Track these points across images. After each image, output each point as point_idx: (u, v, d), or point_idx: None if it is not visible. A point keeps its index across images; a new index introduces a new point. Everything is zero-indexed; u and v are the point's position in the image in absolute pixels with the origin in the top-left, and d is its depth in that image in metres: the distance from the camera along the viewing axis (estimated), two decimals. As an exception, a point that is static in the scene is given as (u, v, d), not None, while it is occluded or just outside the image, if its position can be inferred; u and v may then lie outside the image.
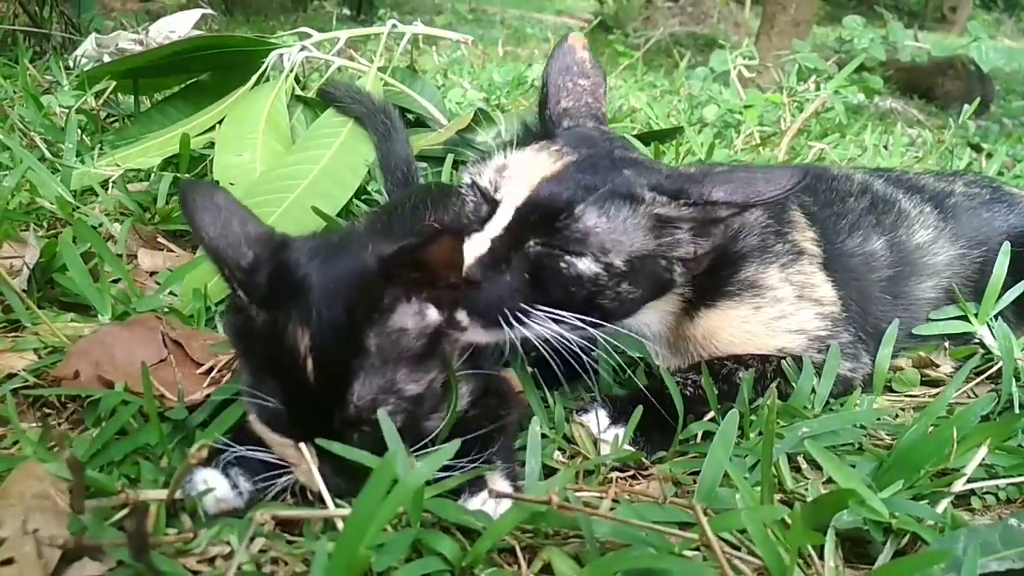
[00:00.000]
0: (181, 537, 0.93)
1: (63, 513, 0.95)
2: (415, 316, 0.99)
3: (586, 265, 1.17)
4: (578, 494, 1.09)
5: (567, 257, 1.17)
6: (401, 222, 1.54)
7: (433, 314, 1.01)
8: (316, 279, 0.98)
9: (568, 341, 1.19)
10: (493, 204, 1.21)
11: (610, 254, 1.17)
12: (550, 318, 1.17)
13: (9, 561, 0.88)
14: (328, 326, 0.94)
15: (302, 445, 0.96)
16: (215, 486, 1.00)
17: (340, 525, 0.92)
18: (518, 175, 1.21)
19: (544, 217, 1.17)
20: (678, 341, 1.40)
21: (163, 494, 0.96)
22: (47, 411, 1.30)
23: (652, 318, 1.37)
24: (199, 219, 1.01)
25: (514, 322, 1.16)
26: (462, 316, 1.06)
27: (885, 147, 3.48)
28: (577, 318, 1.18)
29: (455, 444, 0.93)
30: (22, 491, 0.96)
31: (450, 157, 2.40)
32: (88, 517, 0.95)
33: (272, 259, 1.01)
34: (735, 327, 1.37)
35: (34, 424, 1.26)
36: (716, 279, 1.35)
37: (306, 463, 0.95)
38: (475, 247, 1.16)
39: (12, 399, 1.27)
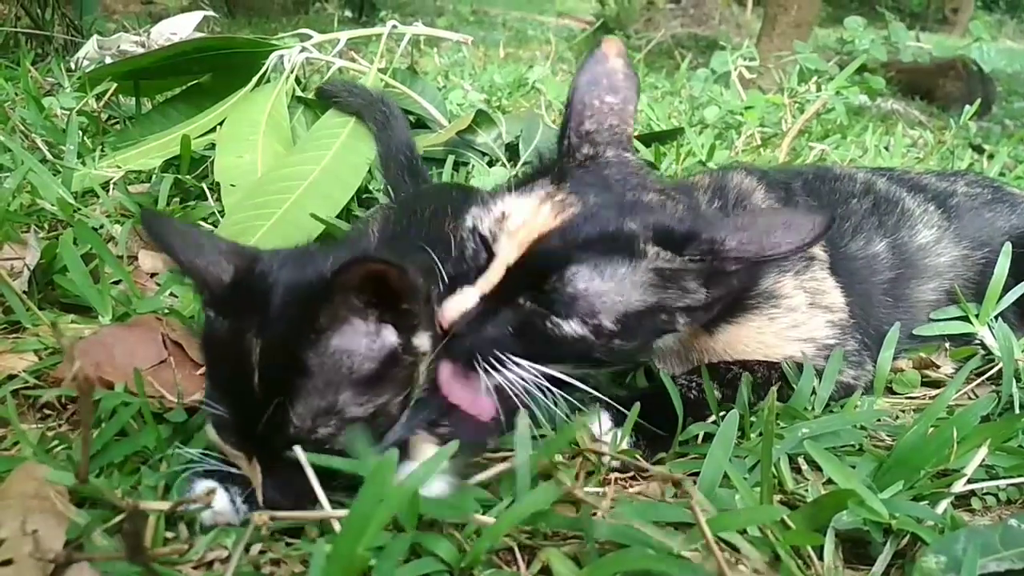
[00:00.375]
0: (177, 549, 0.93)
1: (62, 515, 0.95)
2: (367, 337, 0.97)
3: (571, 328, 1.13)
4: (576, 492, 1.09)
5: (552, 318, 1.13)
6: (419, 227, 1.48)
7: (390, 336, 0.99)
8: (275, 292, 0.97)
9: (548, 389, 1.15)
10: (490, 256, 1.17)
11: (599, 315, 1.13)
12: (534, 369, 1.14)
13: (8, 562, 0.88)
14: (275, 341, 0.93)
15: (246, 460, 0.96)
16: (217, 501, 0.99)
17: (337, 527, 0.92)
18: (516, 229, 1.15)
19: (534, 278, 1.13)
20: (690, 353, 1.39)
21: (163, 505, 0.96)
22: (47, 412, 1.31)
23: (665, 343, 1.31)
24: (173, 243, 1.01)
25: (489, 369, 1.13)
26: (421, 341, 1.03)
27: (886, 148, 3.48)
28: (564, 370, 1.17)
29: (453, 446, 0.94)
30: (22, 492, 0.96)
31: (451, 158, 2.40)
32: (85, 520, 0.95)
33: (246, 270, 1.01)
34: (752, 337, 1.35)
35: (34, 425, 1.26)
36: (737, 297, 1.31)
37: (255, 475, 0.95)
38: (464, 301, 1.13)
39: (12, 400, 1.27)
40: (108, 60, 3.38)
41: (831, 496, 1.01)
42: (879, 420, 1.33)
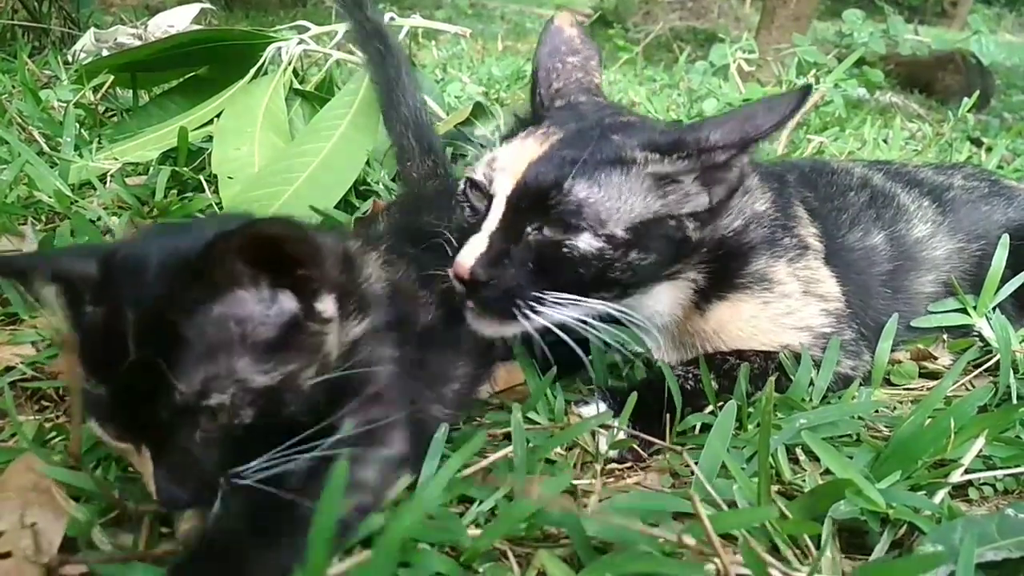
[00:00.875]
0: (172, 551, 0.93)
1: (61, 508, 0.95)
2: (261, 303, 0.91)
3: (586, 243, 1.15)
4: (576, 481, 1.10)
5: (568, 241, 1.15)
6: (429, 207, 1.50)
7: (288, 302, 0.93)
8: (148, 263, 0.90)
9: (585, 325, 1.19)
10: (489, 198, 1.20)
11: (608, 224, 1.15)
12: (565, 303, 1.17)
13: (7, 555, 0.88)
14: (150, 311, 0.86)
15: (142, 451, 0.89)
16: None
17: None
18: (507, 165, 1.19)
19: (535, 200, 1.16)
20: (683, 336, 1.40)
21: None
22: (44, 404, 1.31)
23: (663, 307, 1.35)
24: (23, 265, 0.98)
25: (529, 313, 1.16)
26: (325, 306, 0.97)
27: (885, 141, 3.48)
28: (590, 300, 1.19)
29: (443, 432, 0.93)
30: (21, 484, 0.97)
31: (448, 151, 2.40)
32: (85, 516, 0.95)
33: (111, 256, 0.94)
34: (744, 321, 1.35)
35: (32, 417, 1.26)
36: (728, 271, 1.34)
37: (146, 468, 0.88)
38: (475, 246, 1.15)
39: (10, 391, 1.27)
40: (105, 53, 3.37)
41: (829, 486, 1.01)
42: (877, 411, 1.33)
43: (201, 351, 0.86)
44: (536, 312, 1.16)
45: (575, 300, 1.18)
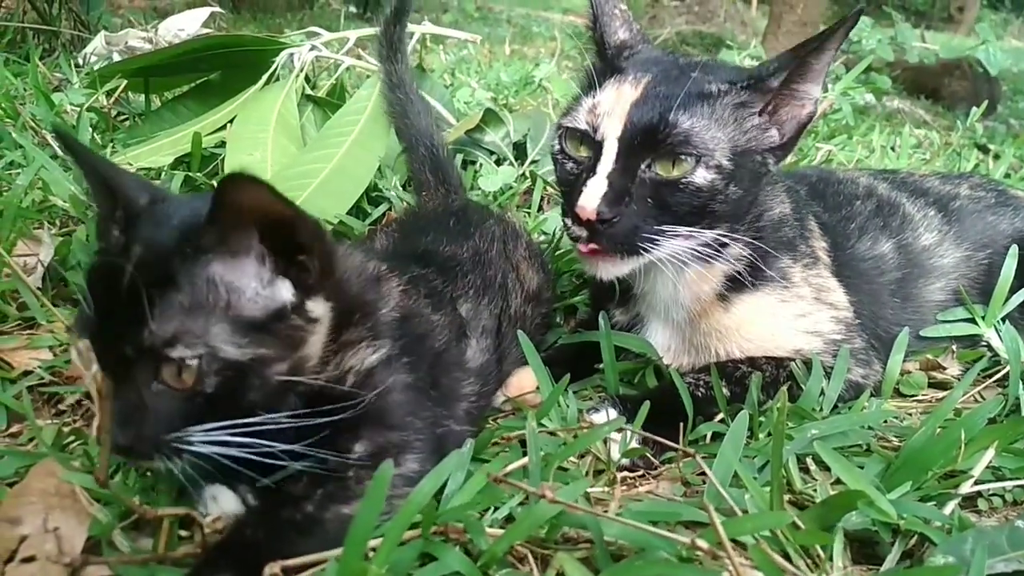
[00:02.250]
0: (192, 553, 0.95)
1: (84, 512, 0.96)
2: (258, 280, 0.93)
3: (701, 176, 1.24)
4: (589, 489, 1.11)
5: (684, 178, 1.23)
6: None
7: (283, 291, 0.95)
8: (181, 206, 0.96)
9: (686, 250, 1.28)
10: (597, 144, 1.26)
11: (715, 154, 1.24)
12: (682, 234, 1.26)
13: (31, 559, 0.90)
14: (153, 247, 0.90)
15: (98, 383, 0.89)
16: (224, 503, 1.00)
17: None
18: (611, 109, 1.26)
19: (645, 137, 1.24)
20: (696, 336, 1.42)
21: (178, 510, 0.97)
22: (61, 408, 1.32)
23: (687, 296, 1.39)
24: (92, 155, 1.01)
25: (650, 246, 1.25)
26: (316, 306, 0.98)
27: (892, 149, 3.48)
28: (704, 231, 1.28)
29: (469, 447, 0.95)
30: (43, 488, 0.97)
31: (459, 157, 2.42)
32: (107, 518, 0.97)
33: (159, 198, 1.00)
34: (765, 318, 1.39)
35: (49, 421, 1.27)
36: (758, 263, 1.37)
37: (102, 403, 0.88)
38: (595, 187, 1.22)
39: (28, 396, 1.29)
40: (116, 56, 3.39)
41: (840, 496, 1.02)
42: (887, 421, 1.34)
43: (184, 300, 0.88)
44: (656, 245, 1.25)
45: (689, 231, 1.26)
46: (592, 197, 1.22)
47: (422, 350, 1.17)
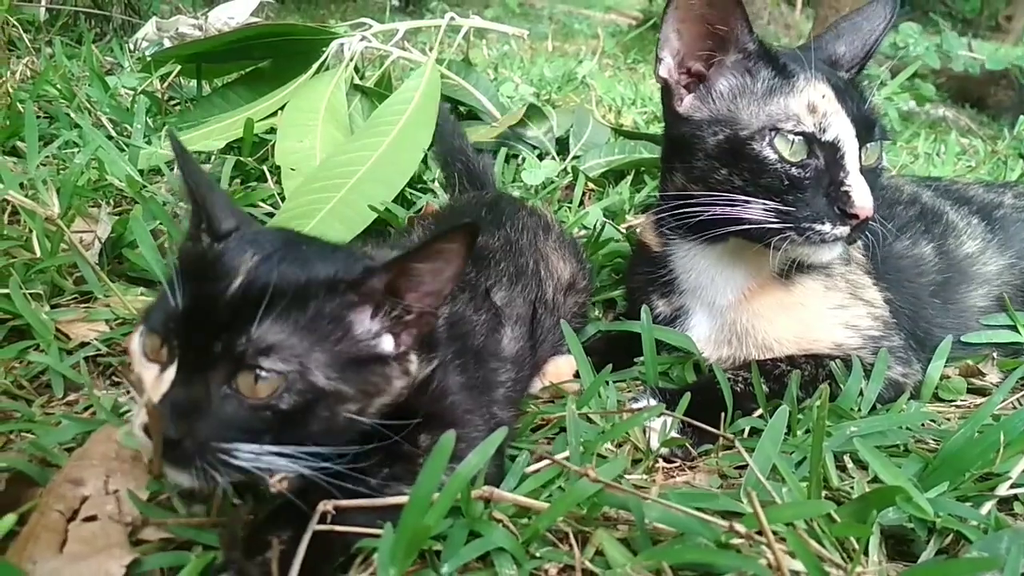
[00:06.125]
0: (244, 518, 0.97)
1: (142, 476, 1.00)
2: (368, 330, 0.97)
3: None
4: (628, 476, 1.13)
5: (881, 165, 1.38)
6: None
7: (387, 345, 0.99)
8: (302, 243, 1.02)
9: None
10: (831, 146, 1.30)
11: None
12: None
13: (93, 518, 0.94)
14: (288, 269, 0.93)
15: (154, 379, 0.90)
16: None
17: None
18: (833, 110, 1.31)
19: (870, 129, 1.34)
20: (741, 319, 1.44)
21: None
22: (116, 379, 1.36)
23: (740, 279, 1.44)
24: (192, 165, 1.04)
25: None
26: (413, 361, 1.02)
27: (938, 155, 3.46)
28: None
29: (501, 433, 0.98)
30: (103, 452, 1.02)
31: (503, 151, 2.44)
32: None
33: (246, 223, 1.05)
34: (814, 301, 1.43)
35: (105, 391, 1.32)
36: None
37: (151, 392, 0.88)
38: (861, 186, 1.28)
39: (85, 366, 1.34)
40: (166, 42, 3.46)
41: (878, 492, 1.03)
42: (924, 424, 1.35)
43: (300, 320, 0.91)
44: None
45: None
46: (869, 196, 1.27)
47: (468, 350, 1.20)
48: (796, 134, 1.29)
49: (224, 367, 0.88)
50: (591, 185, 2.41)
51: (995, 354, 1.58)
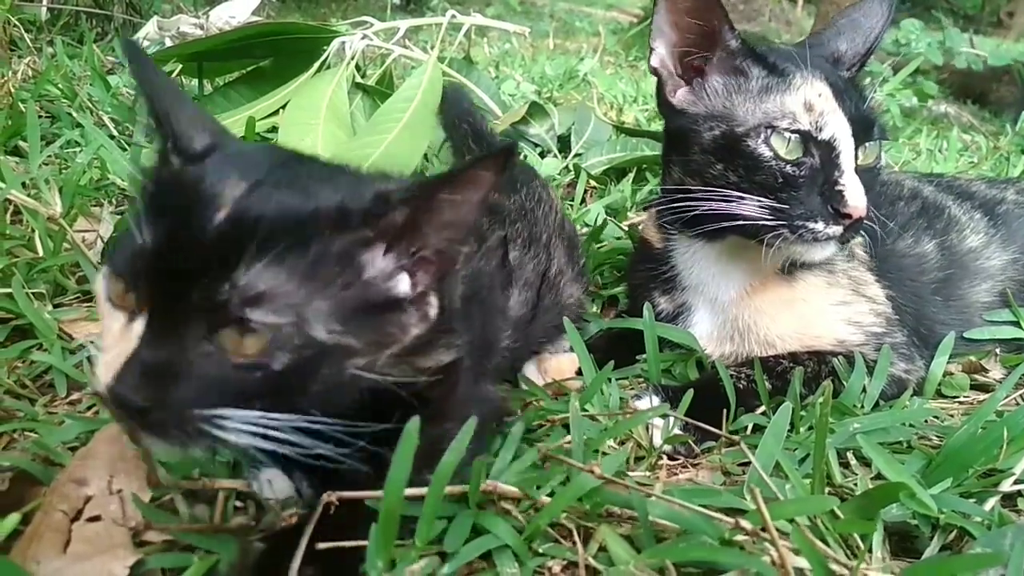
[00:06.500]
0: (246, 524, 0.98)
1: (145, 477, 1.00)
2: (381, 270, 0.82)
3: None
4: (631, 473, 1.13)
5: (878, 164, 1.37)
6: None
7: (403, 286, 0.84)
8: (298, 164, 0.87)
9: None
10: (826, 145, 1.30)
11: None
12: None
13: (97, 518, 0.94)
14: (274, 203, 0.78)
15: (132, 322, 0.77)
16: (279, 489, 1.01)
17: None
18: (830, 109, 1.30)
19: (868, 128, 1.34)
20: (743, 315, 1.44)
21: (235, 483, 1.02)
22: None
23: (740, 276, 1.43)
24: (160, 78, 0.89)
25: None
26: (432, 304, 0.88)
27: (939, 151, 3.46)
28: None
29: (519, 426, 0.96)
30: (108, 452, 1.01)
31: (505, 147, 2.43)
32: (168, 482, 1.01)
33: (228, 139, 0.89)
34: (817, 297, 1.43)
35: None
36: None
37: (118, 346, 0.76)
38: (855, 185, 1.27)
39: (88, 365, 1.33)
40: (168, 41, 3.46)
41: (881, 489, 1.03)
42: (928, 420, 1.34)
43: (295, 262, 0.77)
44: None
45: None
46: (861, 196, 1.27)
47: (478, 318, 1.10)
48: (792, 132, 1.29)
49: (203, 320, 0.75)
50: (593, 182, 2.41)
51: (998, 350, 1.58)
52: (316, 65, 2.42)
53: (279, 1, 7.69)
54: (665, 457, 1.23)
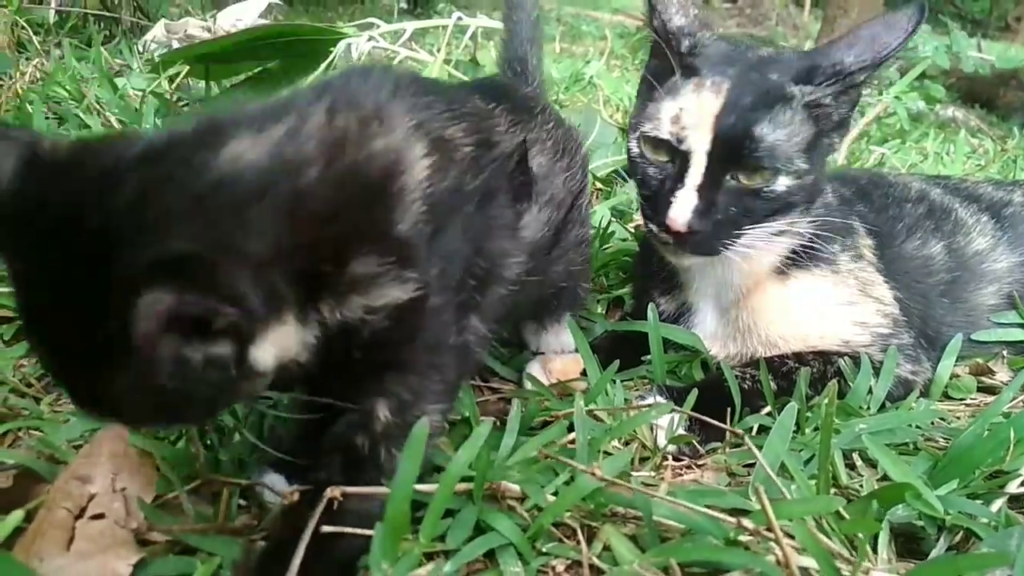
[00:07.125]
0: (249, 524, 0.99)
1: (151, 475, 1.00)
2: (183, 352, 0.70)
3: (783, 183, 1.28)
4: (635, 474, 1.13)
5: (767, 186, 1.27)
6: None
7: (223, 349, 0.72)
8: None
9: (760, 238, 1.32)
10: (683, 155, 1.28)
11: (793, 159, 1.27)
12: (760, 231, 1.31)
13: (100, 516, 0.94)
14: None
15: None
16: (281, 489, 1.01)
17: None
18: (696, 121, 1.27)
19: (731, 151, 1.26)
20: (744, 315, 1.43)
21: (239, 481, 1.02)
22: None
23: (740, 275, 1.42)
24: None
25: (732, 245, 1.30)
26: (259, 356, 0.76)
27: (947, 154, 3.45)
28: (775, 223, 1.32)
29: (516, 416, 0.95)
30: (112, 451, 1.01)
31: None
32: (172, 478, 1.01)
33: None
34: (817, 297, 1.42)
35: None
36: (814, 246, 1.40)
37: None
38: (685, 201, 1.26)
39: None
40: (175, 44, 3.47)
41: (887, 489, 1.02)
42: (934, 422, 1.34)
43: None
44: (737, 242, 1.30)
45: (767, 226, 1.31)
46: (683, 211, 1.25)
47: (457, 244, 0.95)
48: (644, 138, 1.33)
49: None
50: (599, 184, 2.41)
51: (1005, 352, 1.58)
52: (323, 67, 2.43)
53: (286, 4, 7.71)
54: (670, 458, 1.23)
